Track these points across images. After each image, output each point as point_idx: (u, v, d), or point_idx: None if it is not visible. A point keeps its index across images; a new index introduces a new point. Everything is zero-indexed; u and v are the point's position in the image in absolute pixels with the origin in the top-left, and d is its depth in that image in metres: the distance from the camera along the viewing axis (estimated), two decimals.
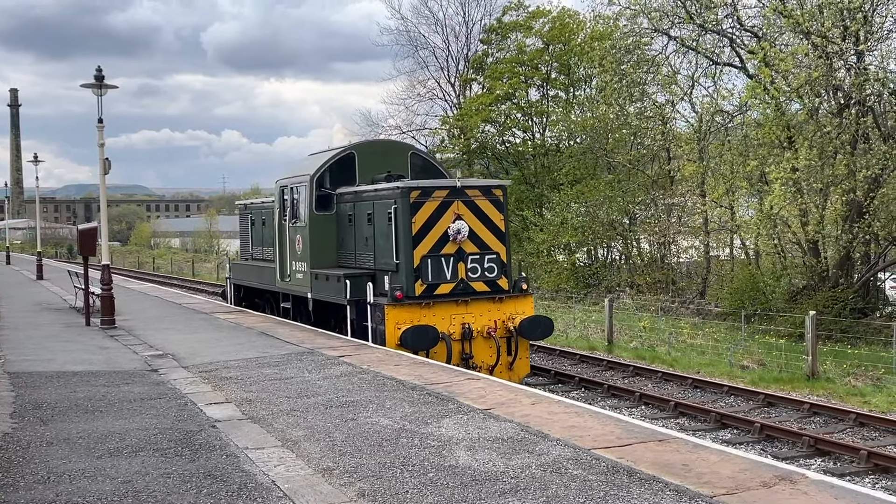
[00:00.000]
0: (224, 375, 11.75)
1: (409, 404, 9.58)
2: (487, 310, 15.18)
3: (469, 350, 14.89)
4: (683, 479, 6.62)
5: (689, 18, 25.65)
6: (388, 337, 14.33)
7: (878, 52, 22.93)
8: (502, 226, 15.45)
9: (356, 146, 18.50)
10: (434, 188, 15.03)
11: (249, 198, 27.95)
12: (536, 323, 15.52)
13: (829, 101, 23.39)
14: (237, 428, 8.74)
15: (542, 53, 42.10)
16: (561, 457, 7.35)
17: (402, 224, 14.73)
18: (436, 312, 14.65)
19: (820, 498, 6.15)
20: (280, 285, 19.14)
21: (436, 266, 14.85)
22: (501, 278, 15.41)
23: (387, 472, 7.05)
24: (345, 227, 17.18)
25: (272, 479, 6.96)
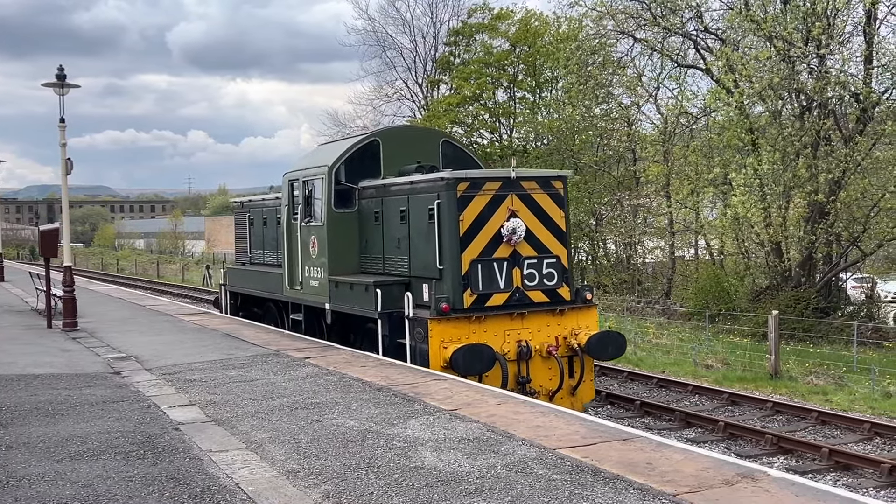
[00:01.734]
0: (188, 378, 11.63)
1: (376, 405, 9.55)
2: (546, 324, 12.93)
3: (526, 372, 12.67)
4: (647, 478, 6.66)
5: (653, 21, 25.88)
6: (433, 357, 12.22)
7: (839, 55, 23.29)
8: (563, 224, 13.23)
9: (381, 133, 15.98)
10: (485, 179, 12.80)
11: (248, 195, 24.63)
12: (607, 339, 13.24)
13: (791, 104, 23.72)
14: (201, 430, 8.65)
15: (509, 55, 42.24)
16: (526, 456, 7.37)
17: (448, 222, 12.57)
18: (487, 328, 12.51)
19: (781, 495, 6.22)
20: (289, 294, 16.73)
21: (487, 272, 12.62)
22: (562, 286, 13.16)
23: (352, 473, 7.02)
24: (369, 227, 14.82)
25: (236, 481, 6.90)
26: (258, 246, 19.61)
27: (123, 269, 69.56)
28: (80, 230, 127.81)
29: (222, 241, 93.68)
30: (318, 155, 16.75)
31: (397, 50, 49.04)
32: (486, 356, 12.01)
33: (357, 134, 16.58)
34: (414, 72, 49.39)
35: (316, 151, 17.71)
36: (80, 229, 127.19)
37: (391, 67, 49.22)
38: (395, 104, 49.37)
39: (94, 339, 16.30)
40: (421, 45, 49.13)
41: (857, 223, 23.73)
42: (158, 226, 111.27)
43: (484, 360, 11.99)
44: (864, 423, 12.91)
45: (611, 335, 13.46)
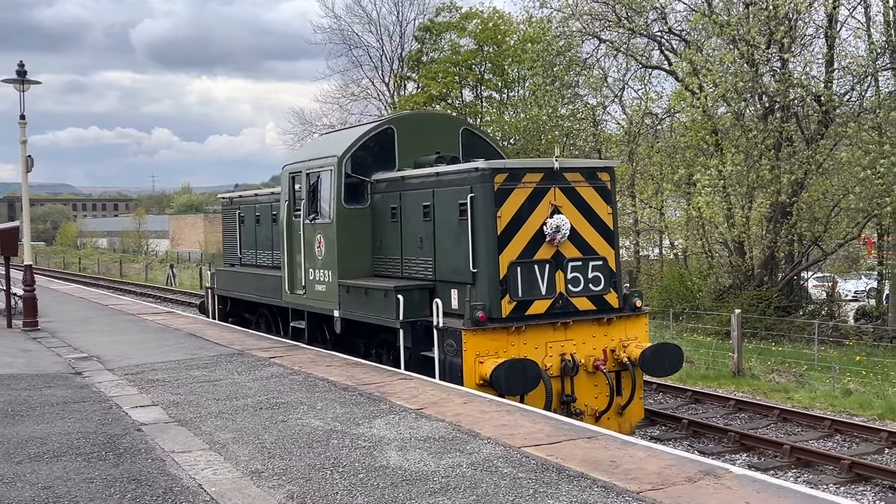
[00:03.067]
0: (151, 378, 11.51)
1: (341, 405, 9.51)
2: (592, 335, 11.51)
3: (571, 390, 11.29)
4: (611, 476, 6.70)
5: (618, 22, 26.05)
6: (467, 373, 10.73)
7: (801, 58, 23.62)
8: (610, 221, 11.83)
9: (394, 120, 14.33)
10: (525, 170, 11.35)
11: (238, 191, 23.07)
12: (663, 353, 11.69)
13: (754, 106, 24.00)
14: (163, 431, 8.57)
15: (476, 54, 42.33)
16: (492, 455, 7.38)
17: (483, 219, 11.10)
18: (527, 339, 11.07)
19: (742, 492, 6.29)
20: (289, 299, 15.15)
21: (527, 276, 11.16)
22: (609, 292, 11.73)
23: (317, 473, 6.99)
24: (385, 225, 13.32)
25: (199, 482, 6.84)
26: (250, 246, 18.22)
27: (86, 269, 68.67)
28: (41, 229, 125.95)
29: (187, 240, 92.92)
30: (323, 145, 15.27)
31: (364, 48, 48.95)
32: (531, 373, 10.52)
33: (367, 122, 15.01)
34: (380, 70, 49.33)
35: (320, 141, 16.43)
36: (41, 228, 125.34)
37: (358, 66, 49.13)
38: (361, 103, 49.27)
39: (55, 339, 16.07)
40: (387, 43, 49.08)
41: (819, 223, 24.08)
42: (122, 224, 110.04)
43: (528, 377, 10.49)
44: (824, 421, 13.09)
45: (667, 348, 11.91)
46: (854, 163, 21.69)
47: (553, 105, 28.88)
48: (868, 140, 21.69)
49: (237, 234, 18.76)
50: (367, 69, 49.23)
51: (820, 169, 23.21)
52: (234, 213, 19.03)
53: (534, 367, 10.60)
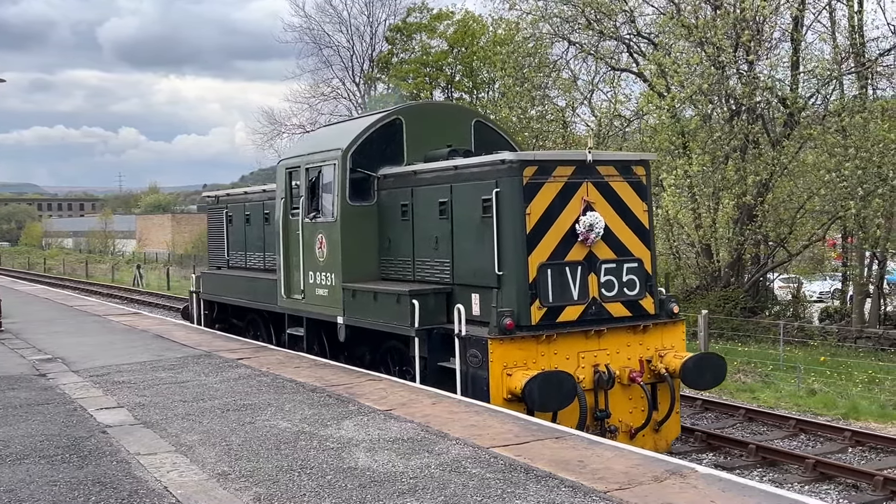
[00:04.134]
0: (116, 380, 11.39)
1: (309, 406, 9.47)
2: (626, 343, 10.60)
3: (605, 405, 10.38)
4: (579, 476, 6.73)
5: (587, 25, 26.18)
6: (494, 386, 9.84)
7: (767, 61, 23.91)
8: (646, 220, 10.92)
9: (402, 110, 13.18)
10: (555, 163, 10.41)
11: (223, 189, 21.86)
12: (705, 364, 10.80)
13: (721, 109, 24.25)
14: (129, 433, 8.48)
15: (447, 56, 42.38)
16: (460, 456, 7.38)
17: (511, 216, 10.16)
18: (557, 349, 10.14)
19: (708, 491, 6.35)
20: (286, 305, 14.13)
21: (558, 279, 10.23)
22: (645, 297, 10.81)
23: (284, 475, 6.95)
24: (394, 224, 12.34)
25: (164, 485, 6.77)
26: (239, 247, 17.13)
27: (51, 269, 67.79)
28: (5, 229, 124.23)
29: (154, 241, 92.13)
30: (324, 137, 14.16)
31: (334, 48, 48.85)
32: (567, 388, 9.60)
33: (373, 112, 14.04)
34: (351, 71, 49.25)
35: (321, 134, 15.30)
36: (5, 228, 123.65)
37: (328, 66, 49.00)
38: (331, 103, 49.15)
39: (18, 340, 15.85)
40: (358, 43, 49.02)
41: (784, 225, 24.37)
42: (88, 224, 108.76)
43: (564, 392, 9.60)
44: (789, 420, 13.24)
45: (710, 359, 11.03)
46: (819, 166, 21.98)
47: (523, 107, 28.94)
48: (833, 143, 21.98)
49: (224, 234, 17.70)
50: (337, 69, 49.12)
51: (785, 171, 23.49)
52: (220, 212, 17.97)
53: (569, 380, 9.70)
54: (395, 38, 46.03)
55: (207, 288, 18.02)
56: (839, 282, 29.63)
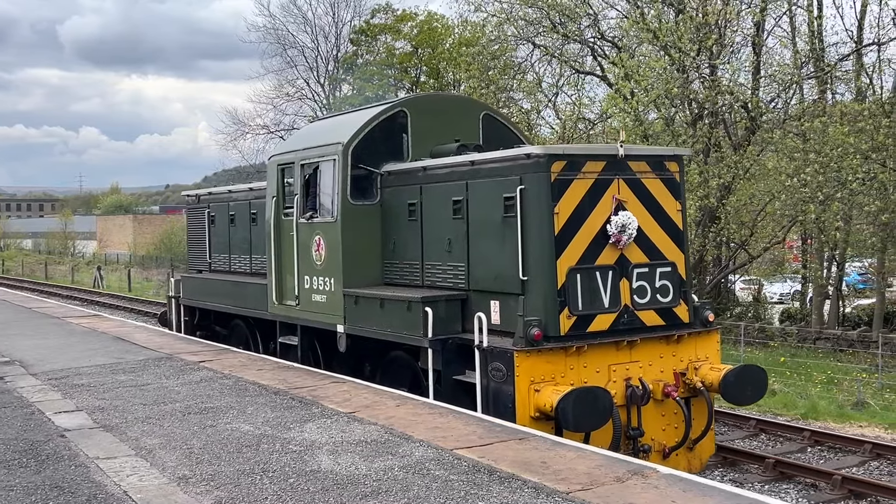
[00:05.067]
0: (75, 383, 11.22)
1: (272, 409, 9.41)
2: (659, 355, 9.72)
3: (637, 423, 9.45)
4: (541, 477, 6.76)
5: (552, 28, 26.34)
6: (520, 403, 8.93)
7: (729, 65, 24.20)
8: (679, 220, 10.04)
9: (407, 102, 12.32)
10: (585, 157, 9.51)
11: (204, 188, 20.90)
12: (747, 377, 9.92)
13: (684, 112, 24.50)
14: (88, 437, 8.36)
15: (411, 57, 42.38)
16: (424, 458, 7.38)
17: (537, 216, 9.27)
18: (587, 361, 9.25)
19: (669, 491, 6.41)
20: (277, 311, 13.16)
21: (588, 285, 9.33)
22: (679, 304, 9.94)
23: (246, 479, 6.90)
24: (399, 224, 11.45)
25: (124, 489, 6.69)
26: (222, 249, 16.13)
27: (9, 271, 66.72)
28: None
29: (115, 242, 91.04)
30: (321, 131, 13.16)
31: (298, 49, 48.71)
32: (603, 406, 8.70)
33: (376, 104, 13.14)
34: (315, 71, 49.11)
35: (316, 127, 14.05)
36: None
37: (292, 66, 48.84)
38: (296, 103, 48.96)
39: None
40: (323, 44, 48.91)
41: (745, 227, 24.69)
42: (47, 225, 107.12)
43: (600, 410, 8.69)
44: (750, 420, 13.41)
45: (751, 371, 10.12)
46: (780, 170, 22.30)
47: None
48: (793, 147, 22.32)
49: (206, 235, 16.68)
50: (301, 70, 48.98)
51: (747, 174, 23.80)
52: (202, 212, 16.90)
53: (605, 396, 8.79)
54: (359, 39, 45.99)
55: (188, 293, 16.88)
56: (799, 284, 30.06)
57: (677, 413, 9.76)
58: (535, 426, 8.62)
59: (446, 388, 9.97)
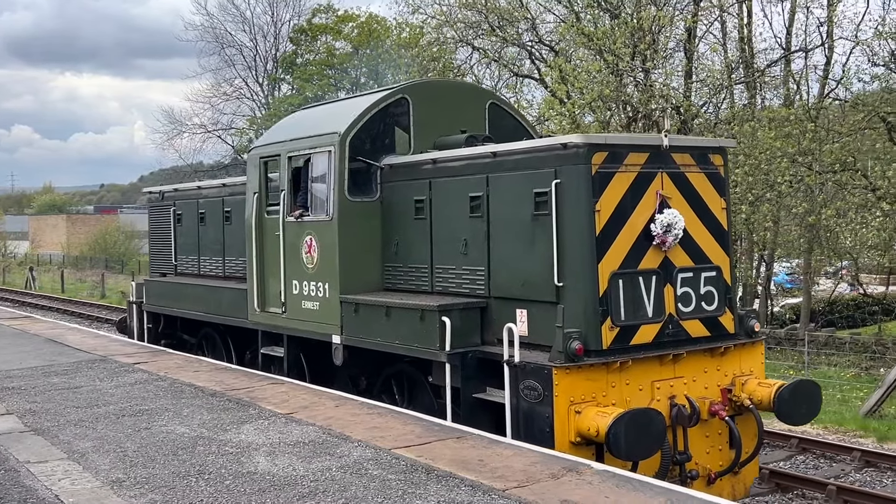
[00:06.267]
0: (5, 385, 10.92)
1: (208, 411, 9.28)
2: (703, 369, 8.71)
3: (684, 446, 8.45)
4: (479, 475, 6.79)
5: (491, 31, 26.49)
6: (559, 426, 7.88)
7: (662, 70, 24.62)
8: (724, 219, 9.05)
9: (409, 88, 11.06)
10: (627, 148, 8.45)
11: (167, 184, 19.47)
12: (801, 393, 8.89)
13: (619, 115, 24.83)
14: (18, 441, 8.14)
15: (352, 58, 42.25)
16: (362, 458, 7.36)
17: (576, 214, 8.22)
18: (630, 378, 8.23)
19: (602, 487, 6.50)
20: (259, 319, 11.95)
21: (631, 292, 8.31)
22: (724, 313, 8.96)
23: (181, 481, 6.80)
24: (403, 223, 10.34)
25: (55, 493, 6.54)
26: (189, 251, 14.86)
27: None
28: None
29: (48, 242, 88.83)
30: (312, 120, 11.82)
31: (237, 48, 48.27)
32: (657, 430, 7.74)
33: (374, 90, 11.91)
34: (254, 70, 48.68)
35: (305, 116, 12.63)
36: None
37: (231, 65, 48.39)
38: (234, 102, 48.49)
39: None
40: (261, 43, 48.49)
41: None
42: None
43: (654, 436, 7.70)
44: None
45: (807, 386, 9.07)
46: None
47: None
48: None
49: (171, 235, 15.33)
50: (240, 69, 48.54)
51: None
52: (166, 210, 15.51)
53: (660, 420, 7.83)
54: (299, 38, 45.70)
55: (152, 298, 15.41)
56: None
57: (721, 433, 8.78)
58: (575, 452, 7.74)
59: (465, 408, 8.89)
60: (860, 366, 18.69)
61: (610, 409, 7.81)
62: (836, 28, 22.29)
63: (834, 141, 20.83)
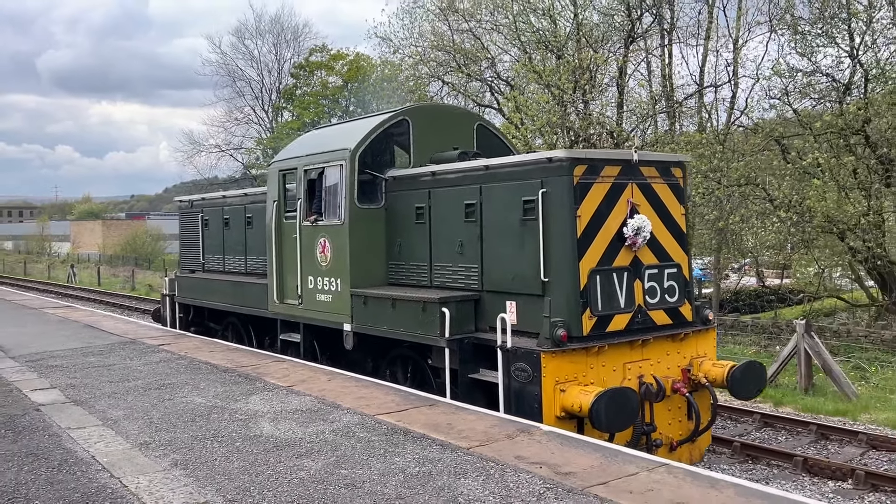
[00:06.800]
0: (50, 364, 10.76)
1: (221, 384, 9.20)
2: (666, 352, 8.69)
3: (651, 419, 8.40)
4: (447, 436, 6.79)
5: (458, 68, 26.48)
6: (546, 403, 7.79)
7: (599, 101, 24.76)
8: (683, 223, 9.04)
9: (409, 111, 10.98)
10: (603, 162, 8.37)
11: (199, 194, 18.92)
12: (751, 373, 8.89)
13: (563, 139, 24.93)
14: (60, 410, 8.02)
15: (342, 90, 42.05)
16: (350, 423, 7.33)
17: (560, 219, 8.13)
18: (605, 361, 8.16)
19: (549, 445, 6.52)
20: (278, 310, 11.72)
21: (607, 287, 8.26)
22: (684, 304, 8.91)
23: (198, 443, 6.73)
24: (405, 227, 10.19)
25: (92, 454, 6.45)
26: (215, 251, 14.67)
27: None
28: None
29: (87, 243, 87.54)
30: (325, 138, 11.64)
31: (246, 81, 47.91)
32: (632, 407, 7.71)
33: (378, 112, 11.78)
34: (261, 100, 48.35)
35: (319, 135, 12.37)
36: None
37: (240, 95, 48.05)
38: (243, 126, 48.16)
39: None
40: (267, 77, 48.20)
41: None
42: (26, 229, 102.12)
43: (630, 411, 7.67)
44: None
45: (755, 367, 9.06)
46: None
47: None
48: None
49: (199, 238, 15.12)
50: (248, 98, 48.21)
51: None
52: (195, 216, 15.37)
53: (635, 397, 7.79)
54: (298, 73, 45.44)
55: (185, 292, 15.12)
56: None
57: (681, 407, 8.75)
58: (560, 425, 7.58)
59: (462, 387, 8.73)
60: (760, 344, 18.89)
61: (590, 388, 7.73)
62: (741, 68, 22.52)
63: (739, 160, 21.03)
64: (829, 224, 18.89)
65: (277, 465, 6.10)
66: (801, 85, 19.59)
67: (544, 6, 24.27)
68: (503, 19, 25.05)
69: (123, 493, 5.55)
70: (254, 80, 47.83)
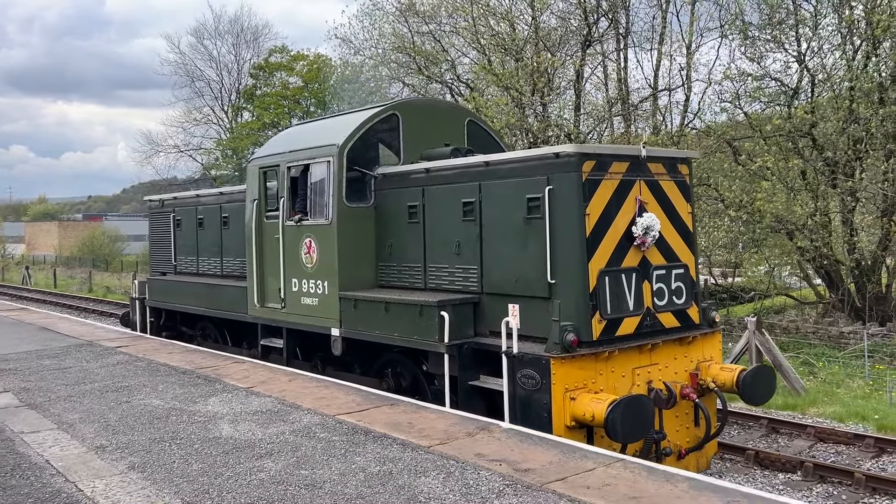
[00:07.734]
0: (2, 367, 10.45)
1: (180, 386, 9.04)
2: (674, 356, 8.21)
3: (660, 426, 7.90)
4: (408, 435, 6.77)
5: (419, 70, 26.45)
6: (556, 412, 7.26)
7: (556, 104, 24.96)
8: (690, 222, 8.57)
9: (399, 105, 10.36)
10: (612, 157, 7.87)
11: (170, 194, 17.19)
12: (761, 377, 8.48)
13: (522, 141, 25.08)
14: (14, 415, 7.80)
15: (302, 91, 41.72)
16: (311, 423, 7.26)
17: (568, 217, 7.63)
18: (615, 366, 7.68)
19: (508, 442, 6.54)
20: (259, 314, 11.08)
21: (615, 288, 7.78)
22: (691, 306, 8.49)
23: (156, 446, 6.60)
24: (396, 227, 9.61)
25: (46, 458, 6.28)
26: (189, 252, 13.88)
27: None
28: None
29: (42, 245, 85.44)
30: (310, 133, 10.89)
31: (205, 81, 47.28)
32: (648, 415, 7.22)
33: (368, 107, 11.06)
34: (220, 100, 47.74)
35: (302, 130, 11.65)
36: None
37: (200, 96, 47.43)
38: (203, 127, 47.50)
39: None
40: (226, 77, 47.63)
41: None
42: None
43: (645, 420, 7.15)
44: None
45: (765, 371, 8.66)
46: None
47: None
48: None
49: (171, 239, 14.33)
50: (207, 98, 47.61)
51: None
52: (166, 216, 14.53)
53: (649, 404, 7.34)
54: (258, 74, 44.96)
55: (155, 294, 14.35)
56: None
57: (688, 413, 8.31)
58: (569, 435, 7.13)
59: (462, 395, 8.22)
60: None
61: (603, 396, 7.27)
62: (693, 72, 22.89)
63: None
64: (778, 224, 19.30)
65: (237, 466, 6.01)
66: (752, 89, 19.99)
67: (503, 10, 24.38)
68: (463, 22, 25.08)
69: (79, 497, 5.42)
70: (213, 80, 47.24)
